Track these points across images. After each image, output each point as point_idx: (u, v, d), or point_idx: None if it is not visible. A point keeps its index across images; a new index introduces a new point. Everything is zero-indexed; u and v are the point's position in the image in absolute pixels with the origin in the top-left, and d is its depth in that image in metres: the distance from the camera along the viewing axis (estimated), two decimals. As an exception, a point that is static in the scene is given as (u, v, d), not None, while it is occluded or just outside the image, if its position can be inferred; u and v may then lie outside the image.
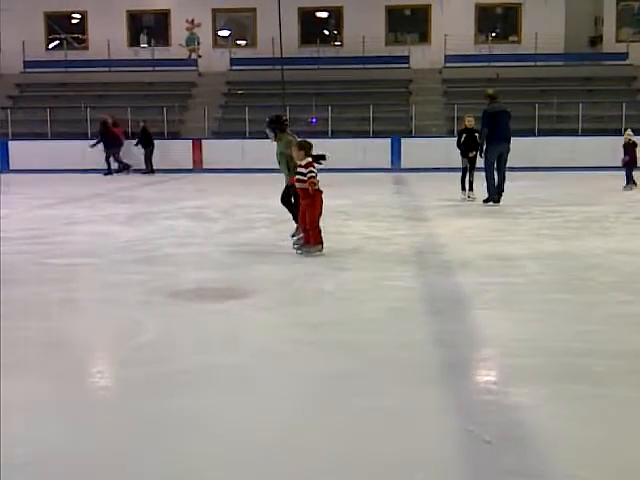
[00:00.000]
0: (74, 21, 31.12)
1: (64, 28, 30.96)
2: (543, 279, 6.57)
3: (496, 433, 3.16)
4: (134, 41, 30.93)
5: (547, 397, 3.63)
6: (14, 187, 18.98)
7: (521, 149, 14.53)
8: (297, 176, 7.72)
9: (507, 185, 12.89)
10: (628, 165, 15.87)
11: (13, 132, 26.63)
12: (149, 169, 23.18)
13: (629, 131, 16.46)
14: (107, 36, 29.20)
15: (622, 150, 16.17)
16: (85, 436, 3.20)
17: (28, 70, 29.73)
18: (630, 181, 15.70)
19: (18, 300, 5.86)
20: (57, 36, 30.98)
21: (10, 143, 25.91)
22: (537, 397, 3.62)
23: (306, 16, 30.27)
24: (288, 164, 8.21)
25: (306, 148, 7.75)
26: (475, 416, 3.39)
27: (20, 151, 25.40)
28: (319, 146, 8.11)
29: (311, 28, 30.35)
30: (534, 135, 23.62)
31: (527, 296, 5.89)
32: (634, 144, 16.07)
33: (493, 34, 29.49)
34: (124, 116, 26.13)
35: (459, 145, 13.95)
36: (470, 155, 13.64)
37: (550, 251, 7.88)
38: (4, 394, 3.66)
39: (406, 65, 28.53)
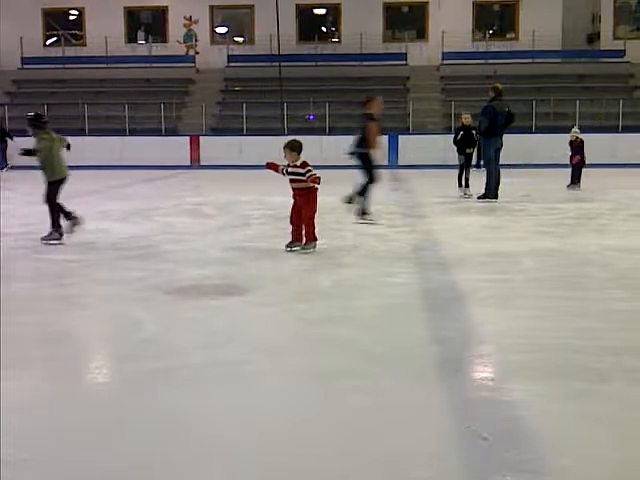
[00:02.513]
0: (72, 17, 31.08)
1: (62, 24, 30.91)
2: (540, 276, 6.59)
3: (493, 429, 3.16)
4: (132, 37, 30.88)
5: (544, 393, 3.64)
6: (12, 183, 18.95)
7: (518, 146, 14.54)
8: (291, 176, 7.67)
9: (504, 182, 12.91)
10: (578, 164, 15.19)
11: (10, 128, 26.58)
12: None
13: (575, 129, 15.78)
14: (105, 32, 29.16)
15: (569, 148, 15.41)
16: (84, 432, 3.20)
17: (26, 66, 29.70)
18: (575, 180, 15.13)
19: (16, 296, 5.85)
20: (55, 32, 30.93)
21: (7, 139, 25.84)
22: (534, 393, 3.63)
23: (304, 13, 30.25)
24: (44, 162, 8.55)
25: (297, 148, 7.68)
26: (472, 412, 3.40)
27: (17, 147, 25.30)
28: (316, 142, 8.09)
29: (309, 25, 30.32)
30: (531, 132, 23.64)
31: (524, 293, 5.91)
32: (582, 142, 15.34)
33: (490, 31, 29.50)
34: (121, 113, 26.13)
35: (456, 142, 13.96)
36: (467, 151, 13.66)
37: (547, 248, 7.89)
38: (2, 390, 3.67)
39: (403, 62, 28.53)
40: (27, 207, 12.46)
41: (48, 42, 30.99)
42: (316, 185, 7.59)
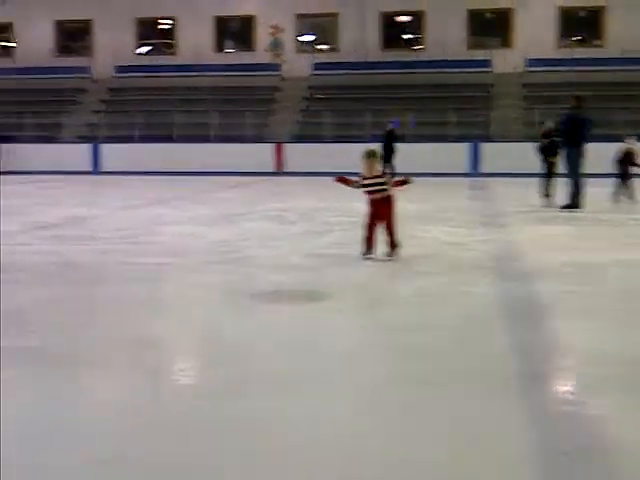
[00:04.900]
0: (164, 27, 31.95)
1: (154, 34, 31.83)
2: (624, 288, 6.46)
3: (574, 444, 3.10)
4: (220, 46, 31.52)
5: (627, 408, 3.55)
6: (104, 188, 19.63)
7: (605, 155, 14.24)
8: (370, 188, 7.62)
9: (590, 191, 12.67)
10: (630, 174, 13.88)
11: (104, 135, 27.53)
12: None
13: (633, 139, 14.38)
14: (194, 41, 29.88)
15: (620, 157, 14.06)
16: (166, 434, 3.28)
17: (119, 75, 30.65)
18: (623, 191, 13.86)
19: (105, 298, 6.09)
20: (147, 42, 31.86)
21: (101, 145, 26.79)
22: (617, 408, 3.55)
23: (388, 20, 30.30)
24: None
25: (379, 157, 7.69)
26: (552, 427, 3.34)
27: (111, 153, 26.24)
28: (398, 149, 7.98)
29: (393, 32, 30.38)
30: (619, 141, 23.01)
31: (607, 305, 5.79)
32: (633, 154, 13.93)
33: (576, 38, 28.90)
34: (209, 120, 26.69)
35: (539, 150, 13.78)
36: (550, 160, 13.47)
37: (632, 259, 7.72)
38: (89, 391, 3.83)
39: (487, 69, 28.25)
40: (120, 212, 12.88)
41: (141, 51, 31.93)
42: (404, 184, 7.64)
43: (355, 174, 7.93)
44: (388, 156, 21.23)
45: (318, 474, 2.89)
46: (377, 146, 20.60)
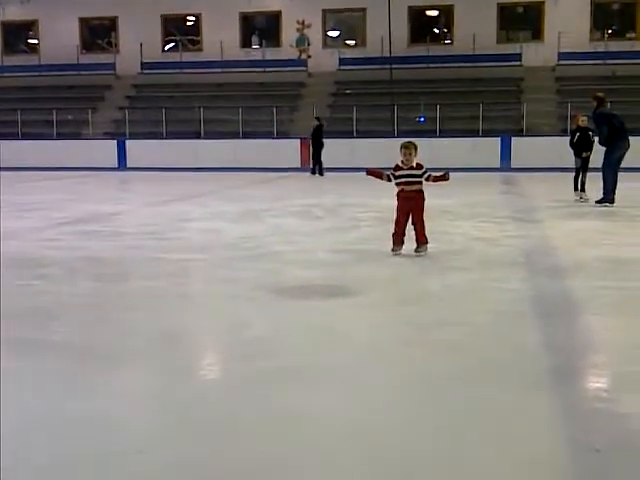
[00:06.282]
0: (189, 23, 32.05)
1: (180, 30, 31.92)
2: (660, 284, 6.32)
3: (606, 442, 3.06)
4: (246, 42, 31.54)
5: (662, 407, 3.47)
6: (130, 184, 19.72)
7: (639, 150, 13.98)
8: (404, 179, 7.52)
9: (623, 186, 12.45)
10: None
11: (130, 131, 27.67)
12: None
13: None
14: (220, 37, 29.91)
15: None
16: (194, 428, 3.26)
17: (145, 71, 30.79)
18: None
19: (131, 293, 6.09)
20: (173, 38, 31.96)
21: (127, 142, 26.94)
22: (651, 406, 3.47)
23: (416, 15, 30.12)
24: None
25: (416, 149, 7.57)
26: (585, 424, 3.30)
27: (136, 149, 26.39)
28: (426, 144, 7.97)
29: (421, 27, 30.19)
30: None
31: (641, 301, 5.66)
32: None
33: (609, 31, 28.52)
34: (236, 116, 26.73)
35: (572, 144, 13.56)
36: (584, 155, 13.25)
37: (668, 255, 7.56)
38: (114, 385, 3.82)
39: (518, 63, 27.98)
40: (146, 208, 12.90)
41: (166, 47, 32.05)
42: (441, 182, 7.55)
43: (382, 169, 7.86)
44: (317, 151, 21.29)
45: (344, 470, 2.84)
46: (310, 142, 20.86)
